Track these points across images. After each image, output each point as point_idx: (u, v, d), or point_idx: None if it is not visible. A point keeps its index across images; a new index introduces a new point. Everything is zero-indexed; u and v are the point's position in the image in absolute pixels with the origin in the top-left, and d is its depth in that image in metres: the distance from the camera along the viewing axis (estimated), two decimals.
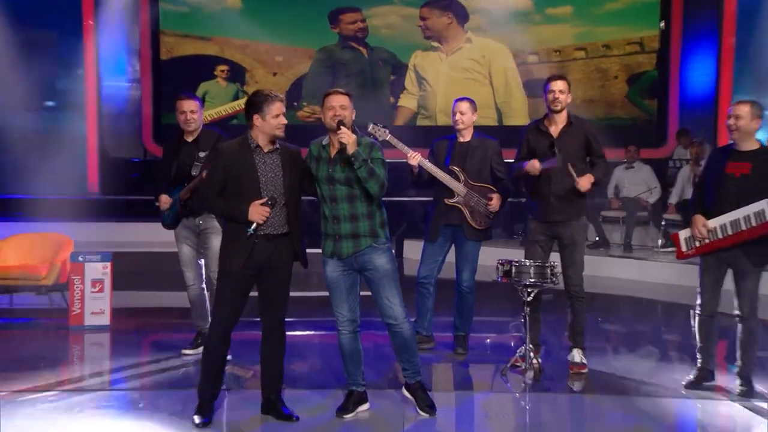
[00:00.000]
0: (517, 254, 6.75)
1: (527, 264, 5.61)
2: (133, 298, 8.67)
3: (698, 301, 5.47)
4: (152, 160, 13.10)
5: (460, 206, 6.16)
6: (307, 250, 4.87)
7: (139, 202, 11.82)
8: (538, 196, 5.88)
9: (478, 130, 6.35)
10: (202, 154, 5.98)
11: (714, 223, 5.34)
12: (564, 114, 5.85)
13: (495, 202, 6.14)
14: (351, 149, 4.65)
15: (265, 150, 4.76)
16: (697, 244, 5.43)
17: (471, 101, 6.27)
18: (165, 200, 6.11)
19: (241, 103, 13.24)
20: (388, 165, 4.82)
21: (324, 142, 4.88)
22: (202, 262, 6.19)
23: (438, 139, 6.43)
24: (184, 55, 13.55)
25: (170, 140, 6.23)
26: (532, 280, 5.58)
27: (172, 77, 13.43)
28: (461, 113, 6.18)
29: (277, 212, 4.74)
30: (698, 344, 5.51)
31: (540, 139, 5.87)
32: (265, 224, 4.69)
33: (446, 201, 6.20)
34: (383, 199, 4.88)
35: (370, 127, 5.68)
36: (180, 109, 6.05)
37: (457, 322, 6.40)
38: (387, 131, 5.71)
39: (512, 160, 6.06)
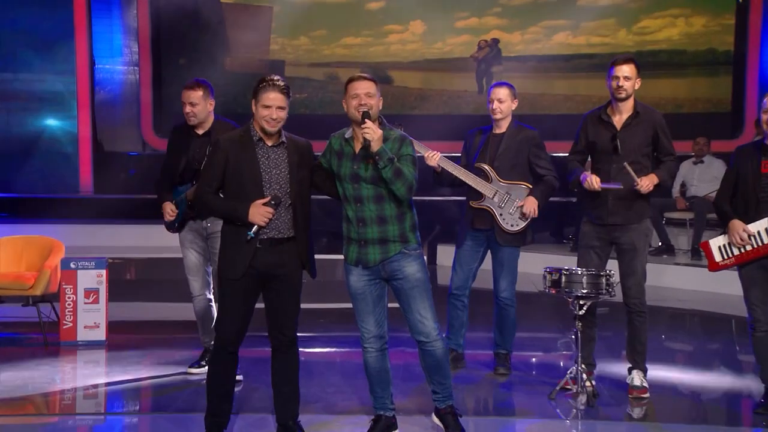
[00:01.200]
0: (567, 261, 6.78)
1: (579, 273, 5.62)
2: (131, 310, 8.77)
3: (749, 318, 5.49)
4: (152, 154, 13.23)
5: (488, 209, 6.22)
6: (322, 257, 4.92)
7: (138, 201, 11.93)
8: (594, 195, 5.88)
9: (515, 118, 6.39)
10: None
11: (756, 227, 5.37)
12: (630, 103, 5.82)
13: (528, 206, 6.16)
14: (375, 146, 4.66)
15: (269, 143, 4.79)
16: (735, 252, 5.46)
17: (511, 87, 6.32)
18: (170, 210, 6.16)
19: None
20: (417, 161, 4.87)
21: (347, 135, 4.89)
22: (210, 269, 6.27)
23: (473, 130, 6.48)
24: None
25: (177, 132, 6.30)
26: (585, 290, 5.60)
27: (176, 59, 13.62)
28: (499, 101, 6.22)
29: (282, 213, 4.76)
30: (760, 366, 5.54)
31: (600, 131, 5.87)
32: (268, 227, 4.72)
33: (472, 203, 6.26)
34: (413, 198, 4.91)
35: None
36: (183, 99, 6.09)
37: (497, 338, 6.43)
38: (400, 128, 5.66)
39: (565, 154, 6.07)
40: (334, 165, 4.91)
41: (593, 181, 5.74)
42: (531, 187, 6.23)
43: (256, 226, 4.67)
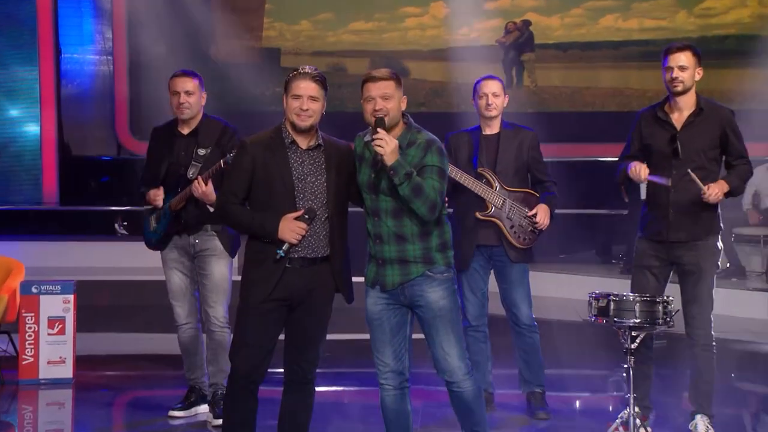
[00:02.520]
0: (617, 285, 6.76)
1: (631, 299, 5.59)
2: (104, 342, 8.82)
3: None
4: (129, 159, 13.25)
5: (496, 221, 6.27)
6: (354, 280, 4.98)
7: (112, 214, 11.98)
8: (651, 206, 5.88)
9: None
10: (202, 152, 6.11)
11: None
12: (691, 98, 5.81)
13: (541, 215, 6.23)
14: (389, 160, 4.68)
15: (303, 147, 4.87)
16: None
17: (501, 80, 6.43)
18: (155, 194, 6.17)
19: None
20: None
21: (367, 138, 4.92)
22: (199, 294, 6.30)
23: (454, 132, 6.53)
24: None
25: (159, 133, 6.36)
26: (639, 320, 5.56)
27: (155, 50, 13.62)
28: (494, 95, 6.29)
29: (317, 229, 4.83)
30: None
31: (657, 132, 5.86)
32: (301, 245, 4.79)
33: (478, 215, 6.28)
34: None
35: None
36: (172, 89, 6.16)
37: (524, 374, 6.43)
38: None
39: (615, 158, 6.06)
40: (357, 166, 4.97)
41: (640, 170, 5.74)
42: (538, 194, 6.33)
43: (286, 244, 4.74)
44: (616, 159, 6.07)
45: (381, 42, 14.25)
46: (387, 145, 4.68)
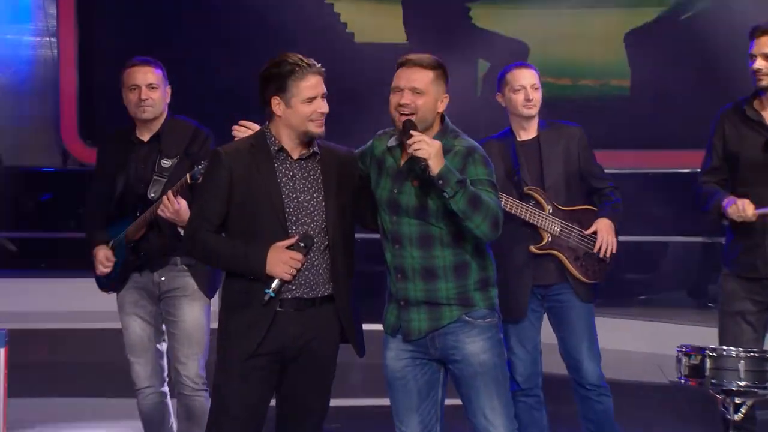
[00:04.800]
0: (715, 335, 6.71)
1: (734, 354, 5.58)
2: (42, 409, 8.82)
3: None
4: (78, 172, 13.30)
5: (556, 253, 6.27)
6: (368, 327, 5.02)
7: (55, 242, 12.02)
8: (740, 234, 5.86)
9: None
10: (166, 163, 6.11)
11: None
12: None
13: (602, 234, 6.18)
14: (435, 167, 4.70)
15: (295, 156, 4.90)
16: None
17: (536, 69, 6.46)
18: (105, 258, 6.20)
19: None
20: None
21: (391, 143, 5.01)
22: (165, 347, 6.30)
23: (483, 140, 6.49)
24: None
25: (112, 141, 6.36)
26: (744, 382, 5.56)
27: (115, 29, 13.79)
28: (534, 88, 6.31)
29: (316, 261, 4.86)
30: None
31: (747, 134, 5.88)
32: (295, 281, 4.81)
33: (533, 248, 6.26)
34: None
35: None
36: (130, 82, 6.16)
37: None
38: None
39: None
40: (372, 179, 5.06)
41: (744, 208, 5.71)
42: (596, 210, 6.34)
43: (277, 281, 4.76)
44: (699, 172, 6.05)
45: None
46: (429, 146, 4.69)
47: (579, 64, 13.53)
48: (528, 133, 6.36)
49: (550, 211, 6.24)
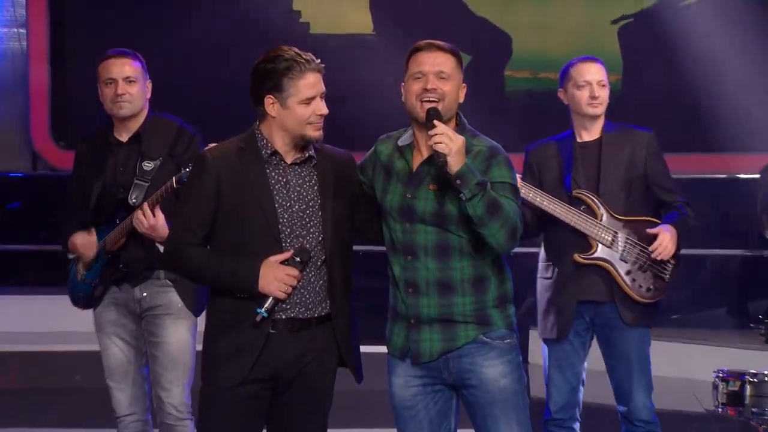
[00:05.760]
0: (756, 359, 6.77)
1: None
2: None
3: None
4: (50, 177, 13.32)
5: (605, 265, 6.25)
6: (364, 349, 5.01)
7: (25, 255, 12.03)
8: None
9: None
10: (148, 165, 6.10)
11: None
12: None
13: (663, 240, 6.09)
14: (455, 164, 4.68)
15: (289, 160, 4.91)
16: None
17: (603, 63, 6.45)
18: (85, 244, 6.19)
19: None
20: None
21: (403, 141, 5.00)
22: (148, 371, 6.26)
23: (535, 144, 6.57)
24: None
25: (89, 143, 6.36)
26: None
27: (91, 19, 13.82)
28: (600, 84, 6.31)
29: (312, 277, 4.86)
30: None
31: None
32: (290, 300, 4.81)
33: (579, 258, 6.26)
34: None
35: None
36: (105, 76, 6.16)
37: None
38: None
39: None
40: (377, 188, 5.04)
41: None
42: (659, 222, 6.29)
43: (270, 300, 4.76)
44: (750, 176, 6.07)
45: None
46: (452, 140, 4.67)
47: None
48: (590, 134, 6.37)
49: (604, 218, 6.22)
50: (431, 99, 4.81)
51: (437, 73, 4.83)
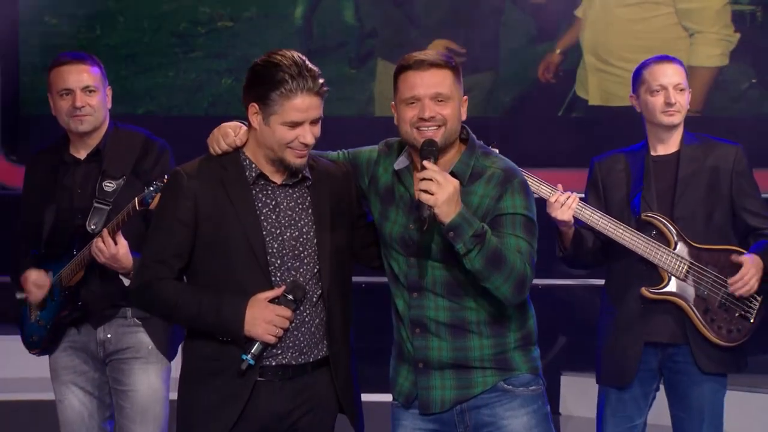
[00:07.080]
0: None
1: None
2: None
3: None
4: (2, 197, 13.38)
5: (678, 301, 6.16)
6: (366, 397, 4.99)
7: None
8: None
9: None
10: (110, 186, 6.01)
11: None
12: None
13: (746, 271, 5.99)
14: (445, 215, 4.55)
15: (278, 181, 4.82)
16: None
17: (682, 64, 6.35)
18: (37, 280, 6.10)
19: None
20: None
21: (399, 165, 4.93)
22: (112, 426, 6.20)
23: (606, 155, 6.54)
24: None
25: (42, 160, 6.32)
26: None
27: (45, 18, 13.84)
28: (677, 88, 6.22)
29: (307, 316, 4.81)
30: None
31: None
32: (281, 344, 4.75)
33: (646, 292, 6.18)
34: None
35: None
36: (60, 86, 6.06)
37: None
38: (495, 148, 5.44)
39: None
40: (374, 208, 4.99)
41: None
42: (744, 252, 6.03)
43: (258, 345, 4.69)
44: None
45: None
46: (441, 187, 4.54)
47: None
48: (667, 147, 6.31)
49: (677, 246, 6.16)
50: (430, 128, 4.74)
51: (434, 97, 4.74)
